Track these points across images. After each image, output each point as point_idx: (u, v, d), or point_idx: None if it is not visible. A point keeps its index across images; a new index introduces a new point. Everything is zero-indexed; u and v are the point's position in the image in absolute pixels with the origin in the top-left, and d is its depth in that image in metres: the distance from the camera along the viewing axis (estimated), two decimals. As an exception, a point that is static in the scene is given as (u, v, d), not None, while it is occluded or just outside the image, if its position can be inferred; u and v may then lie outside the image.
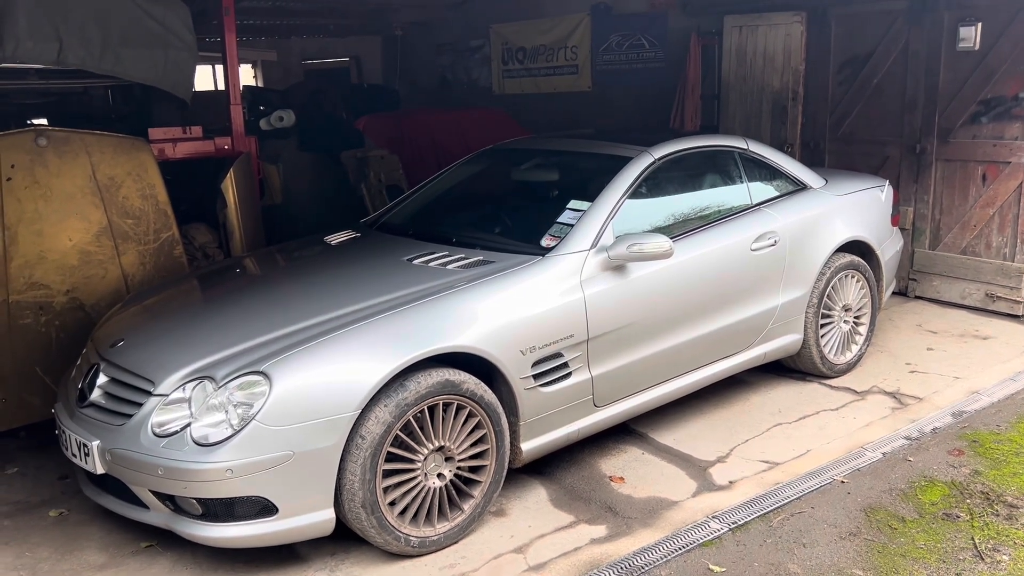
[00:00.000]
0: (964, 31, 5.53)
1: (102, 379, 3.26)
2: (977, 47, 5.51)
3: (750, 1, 6.81)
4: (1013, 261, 5.58)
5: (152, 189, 4.47)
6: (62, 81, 5.22)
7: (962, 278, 5.86)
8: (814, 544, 3.13)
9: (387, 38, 12.03)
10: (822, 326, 4.61)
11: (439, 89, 11.36)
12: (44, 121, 6.61)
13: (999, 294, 5.66)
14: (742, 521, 3.29)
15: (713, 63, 7.39)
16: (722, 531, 3.22)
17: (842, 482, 3.57)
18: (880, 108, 6.19)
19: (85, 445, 3.07)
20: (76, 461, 3.17)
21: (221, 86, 7.48)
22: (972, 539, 3.12)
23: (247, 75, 12.29)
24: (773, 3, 6.59)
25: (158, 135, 4.83)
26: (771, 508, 3.38)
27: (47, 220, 4.14)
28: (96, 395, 3.23)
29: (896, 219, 5.20)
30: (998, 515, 3.28)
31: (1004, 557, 3.01)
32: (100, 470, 3.05)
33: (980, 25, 5.47)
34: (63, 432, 3.24)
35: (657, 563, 3.03)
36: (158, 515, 3.02)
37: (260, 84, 12.32)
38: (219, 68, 8.96)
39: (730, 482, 3.62)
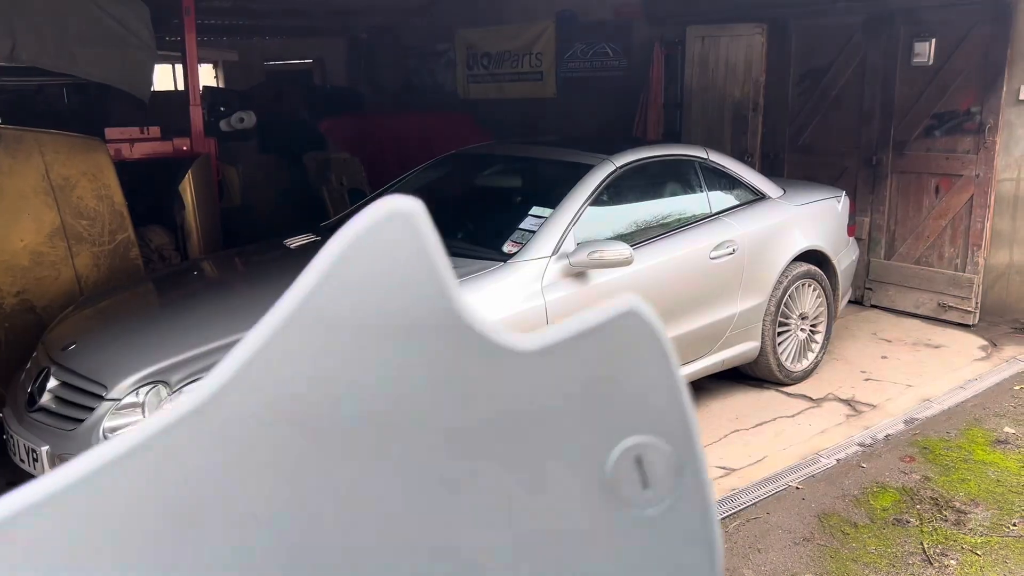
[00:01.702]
0: (918, 46, 5.65)
1: (52, 383, 3.19)
2: (931, 62, 5.63)
3: (713, 12, 6.89)
4: (964, 271, 5.70)
5: (107, 190, 4.39)
6: (16, 79, 5.12)
7: (916, 288, 5.97)
8: (768, 549, 3.16)
9: (351, 41, 11.96)
10: (779, 334, 4.67)
11: (404, 93, 11.32)
12: (-3, 119, 6.47)
13: (951, 304, 5.77)
14: (698, 527, 3.30)
15: (676, 73, 7.46)
16: (679, 537, 3.23)
17: (797, 488, 3.62)
18: (838, 120, 6.29)
19: (34, 451, 3.00)
20: (25, 467, 3.10)
21: (181, 86, 7.40)
22: (921, 544, 3.18)
23: (208, 75, 12.13)
24: (735, 14, 6.67)
25: (115, 135, 4.75)
26: (727, 514, 3.40)
27: (-2, 220, 4.06)
28: (46, 399, 3.16)
29: (852, 229, 5.28)
30: (947, 520, 3.34)
31: (952, 562, 3.06)
32: (49, 476, 2.97)
33: (934, 41, 5.58)
34: (11, 437, 3.17)
35: None
36: (109, 522, 2.95)
37: (221, 85, 12.17)
38: (179, 68, 8.85)
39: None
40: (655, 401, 0.35)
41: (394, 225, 0.34)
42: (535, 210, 3.93)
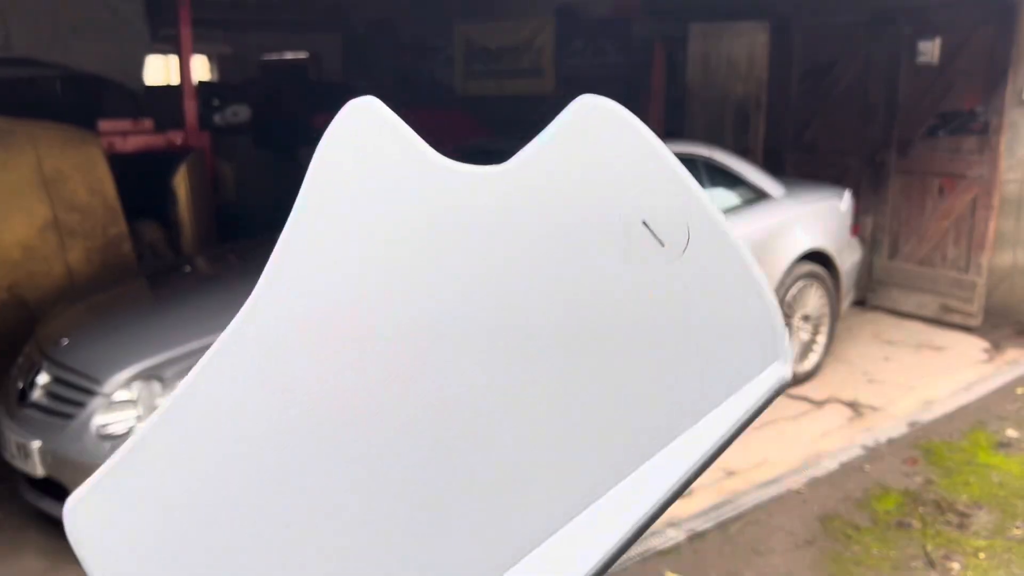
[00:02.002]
0: (923, 45, 5.61)
1: (44, 378, 3.15)
2: (936, 61, 5.59)
3: (715, 9, 6.85)
4: (967, 273, 5.66)
5: (100, 184, 4.34)
6: (9, 70, 5.06)
7: (919, 289, 5.93)
8: (770, 552, 3.12)
9: (348, 35, 11.90)
10: (781, 334, 4.62)
11: (401, 88, 11.27)
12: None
13: (953, 306, 5.74)
14: (699, 529, 3.27)
15: (677, 70, 7.42)
16: (679, 539, 3.20)
17: (798, 492, 3.58)
18: (841, 119, 6.25)
19: (25, 446, 2.95)
20: (15, 463, 3.05)
21: (175, 79, 7.36)
22: (924, 547, 3.15)
23: (201, 69, 12.06)
24: (738, 11, 6.63)
25: (107, 128, 4.69)
26: (729, 516, 3.37)
27: (-11, 213, 4.00)
28: (37, 394, 3.12)
29: (856, 229, 5.24)
30: (949, 523, 3.31)
31: (955, 565, 3.03)
32: (40, 472, 2.93)
33: (938, 40, 5.55)
34: (1, 432, 3.12)
35: (613, 570, 2.99)
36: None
37: (215, 78, 12.11)
38: (173, 60, 8.78)
39: (688, 490, 3.60)
40: (641, 171, 0.39)
41: (357, 116, 0.38)
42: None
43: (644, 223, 0.38)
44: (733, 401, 0.41)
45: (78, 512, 0.42)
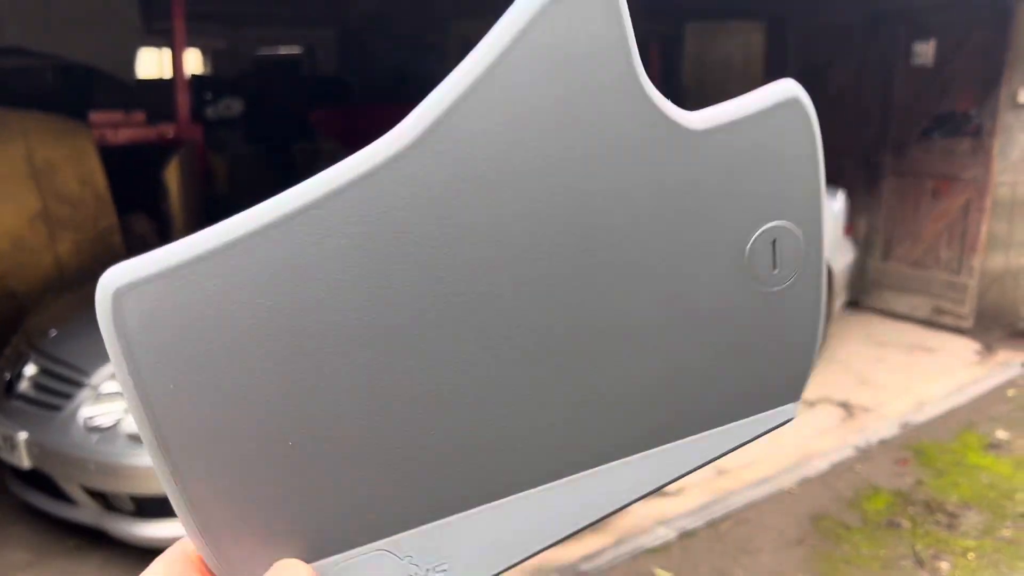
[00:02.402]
0: (919, 47, 5.62)
1: (32, 369, 3.14)
2: (932, 63, 5.60)
3: (711, 9, 6.86)
4: (959, 275, 5.67)
5: (91, 175, 4.32)
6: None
7: (912, 291, 5.94)
8: (760, 551, 3.12)
9: (342, 30, 11.88)
10: (773, 334, 4.62)
11: (396, 84, 11.24)
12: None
13: (946, 308, 5.75)
14: (690, 527, 3.27)
15: (672, 69, 7.42)
16: (669, 537, 3.20)
17: (789, 492, 3.58)
18: (836, 119, 6.24)
19: (11, 438, 2.94)
20: (1, 454, 3.04)
21: (167, 72, 7.32)
22: (913, 547, 3.15)
23: (195, 62, 12.02)
24: (733, 12, 6.63)
25: (99, 120, 4.66)
26: (719, 515, 3.37)
27: (-22, 203, 3.98)
28: (25, 386, 3.11)
29: (850, 228, 5.24)
30: (939, 524, 3.32)
31: (943, 564, 3.04)
32: (27, 464, 2.92)
33: (934, 42, 5.55)
34: (-13, 424, 3.10)
35: (603, 568, 3.00)
36: (88, 512, 2.90)
37: (208, 72, 12.07)
38: (166, 53, 8.72)
39: (679, 489, 3.60)
40: (797, 188, 0.38)
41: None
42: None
43: (772, 243, 0.37)
44: (738, 426, 0.41)
45: (128, 297, 0.34)
